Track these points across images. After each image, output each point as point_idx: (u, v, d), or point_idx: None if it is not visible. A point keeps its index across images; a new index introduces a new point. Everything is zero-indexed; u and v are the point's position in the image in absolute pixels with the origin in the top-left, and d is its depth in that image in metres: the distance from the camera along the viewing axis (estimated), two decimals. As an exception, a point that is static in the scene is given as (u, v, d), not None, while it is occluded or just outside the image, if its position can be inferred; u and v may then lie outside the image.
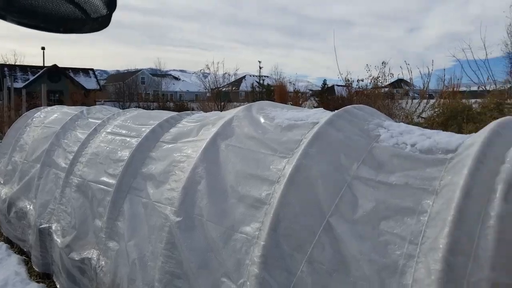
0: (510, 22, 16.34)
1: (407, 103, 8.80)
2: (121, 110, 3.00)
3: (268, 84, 18.12)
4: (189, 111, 2.47)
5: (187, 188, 1.78)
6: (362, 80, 12.75)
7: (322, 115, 1.69)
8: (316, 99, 15.72)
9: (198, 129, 2.07)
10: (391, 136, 1.52)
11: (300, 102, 15.65)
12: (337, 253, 1.31)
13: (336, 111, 1.68)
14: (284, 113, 1.81)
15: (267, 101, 2.03)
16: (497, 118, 4.36)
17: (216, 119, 2.02)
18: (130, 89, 28.09)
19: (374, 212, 1.32)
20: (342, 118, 1.61)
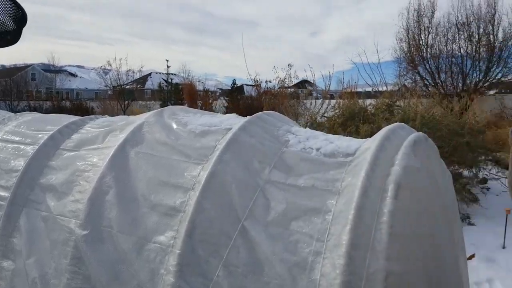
0: (398, 29, 18.39)
1: (311, 103, 9.38)
2: (12, 114, 2.69)
3: (176, 83, 17.78)
4: (92, 116, 2.32)
5: (93, 199, 1.68)
6: (270, 81, 13.27)
7: (235, 121, 1.73)
8: (226, 98, 15.87)
9: (104, 136, 1.96)
10: (298, 141, 1.62)
11: (210, 102, 15.69)
12: (252, 255, 1.36)
13: (248, 117, 1.74)
14: (197, 119, 1.82)
15: (179, 106, 2.00)
16: (389, 119, 4.87)
17: (124, 125, 1.93)
18: (18, 87, 25.20)
19: (285, 214, 1.40)
20: (254, 124, 1.67)
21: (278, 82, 12.58)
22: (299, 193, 1.44)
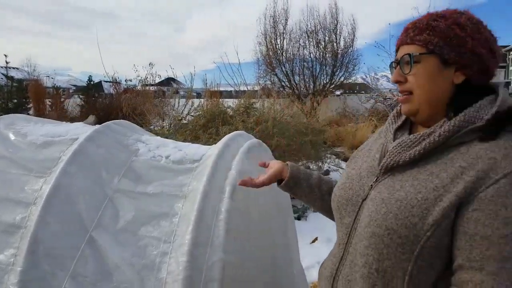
0: (257, 33, 19.60)
1: (174, 104, 9.39)
2: None
3: (19, 79, 15.53)
4: None
5: None
6: (131, 80, 12.77)
7: (82, 130, 1.72)
8: (81, 97, 14.52)
9: None
10: (148, 150, 1.71)
11: (63, 100, 14.28)
12: (101, 264, 1.40)
13: (97, 126, 1.75)
14: (39, 128, 1.74)
15: (18, 115, 1.87)
16: (245, 121, 5.24)
17: (-50, 136, 1.72)
18: None
19: (135, 221, 1.48)
20: (103, 134, 1.69)
21: (139, 81, 12.17)
22: (148, 199, 1.54)
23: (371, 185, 1.05)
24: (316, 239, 4.83)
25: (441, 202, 0.88)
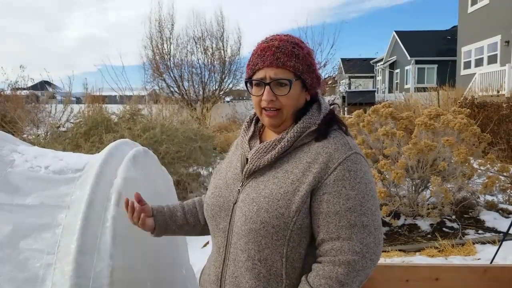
0: (142, 37, 18.96)
1: (51, 110, 8.63)
2: None
3: None
4: None
5: None
6: (-3, 84, 11.36)
7: None
8: None
9: None
10: (25, 160, 1.65)
11: None
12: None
13: (-38, 138, 1.62)
14: None
15: None
16: (131, 128, 5.13)
17: None
18: None
19: (13, 234, 1.44)
20: (-30, 146, 1.58)
21: (9, 85, 10.88)
22: (27, 212, 1.50)
23: (239, 189, 1.21)
24: (207, 243, 4.97)
25: (299, 192, 1.10)
